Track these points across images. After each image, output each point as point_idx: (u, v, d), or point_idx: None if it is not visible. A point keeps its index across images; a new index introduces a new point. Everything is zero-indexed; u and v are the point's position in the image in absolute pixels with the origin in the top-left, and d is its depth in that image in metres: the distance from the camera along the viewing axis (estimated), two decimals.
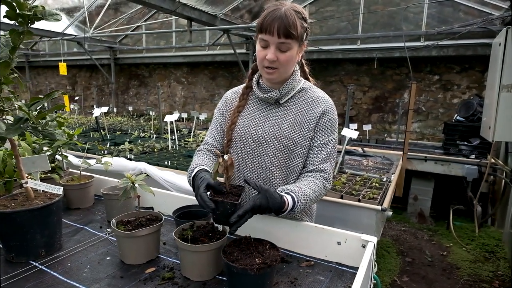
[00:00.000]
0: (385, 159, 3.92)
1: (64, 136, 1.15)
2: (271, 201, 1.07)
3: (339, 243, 1.20)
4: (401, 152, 3.67)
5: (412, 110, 3.34)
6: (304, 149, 1.29)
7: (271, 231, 1.29)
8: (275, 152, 1.29)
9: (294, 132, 1.28)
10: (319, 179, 1.26)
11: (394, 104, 6.11)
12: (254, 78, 1.37)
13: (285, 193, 1.16)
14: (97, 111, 4.14)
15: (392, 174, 3.11)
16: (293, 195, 1.16)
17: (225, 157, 1.33)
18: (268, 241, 1.08)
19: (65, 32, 6.79)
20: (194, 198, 1.54)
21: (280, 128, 1.28)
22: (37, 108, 1.08)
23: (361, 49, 5.94)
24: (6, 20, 1.06)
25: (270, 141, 1.29)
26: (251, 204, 1.04)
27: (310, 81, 1.41)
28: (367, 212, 2.12)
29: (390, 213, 2.23)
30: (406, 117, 3.73)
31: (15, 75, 1.13)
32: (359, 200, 2.22)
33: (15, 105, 1.01)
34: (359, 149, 4.25)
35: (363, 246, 1.15)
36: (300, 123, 1.28)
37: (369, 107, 6.41)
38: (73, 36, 6.77)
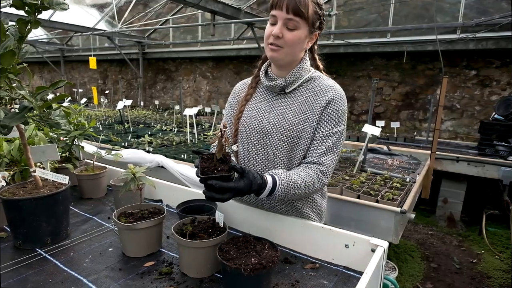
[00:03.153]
0: (412, 159, 3.72)
1: (69, 126, 1.15)
2: (253, 184, 1.04)
3: (347, 246, 1.12)
4: (430, 152, 3.45)
5: (442, 106, 3.12)
6: (307, 141, 1.22)
7: (275, 229, 1.24)
8: (278, 144, 1.23)
9: (298, 123, 1.21)
10: (314, 170, 1.18)
11: (425, 100, 5.80)
12: (262, 67, 1.32)
13: (269, 174, 1.12)
14: (120, 104, 4.24)
15: (418, 174, 2.94)
16: (276, 177, 1.11)
17: (233, 147, 1.30)
18: (268, 241, 1.03)
19: (96, 27, 7.03)
20: (200, 192, 1.52)
21: (284, 119, 1.23)
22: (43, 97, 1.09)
23: (391, 42, 5.67)
24: (13, 10, 1.07)
25: (274, 132, 1.23)
26: (232, 186, 1.00)
27: (319, 69, 1.34)
28: (385, 214, 2.00)
29: (413, 215, 2.10)
30: (437, 114, 3.51)
31: (24, 65, 1.15)
32: (377, 201, 2.10)
33: (19, 93, 1.02)
34: (385, 147, 4.06)
35: (373, 251, 1.07)
36: (305, 114, 1.21)
37: (398, 103, 6.12)
38: (103, 31, 7.00)
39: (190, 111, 3.40)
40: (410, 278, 3.05)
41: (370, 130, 2.56)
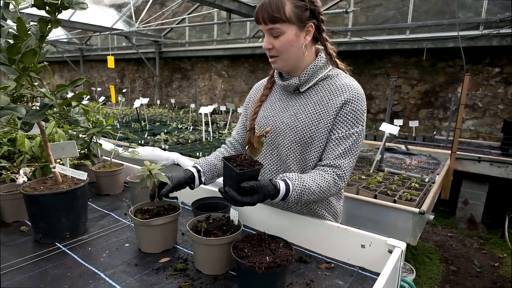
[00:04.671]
0: (431, 159, 3.62)
1: (87, 124, 1.17)
2: (267, 197, 1.03)
3: (363, 246, 1.10)
4: (450, 151, 3.35)
5: (463, 105, 3.02)
6: (322, 142, 1.19)
7: (289, 228, 1.23)
8: (291, 144, 1.21)
9: (312, 123, 1.18)
10: (330, 174, 1.15)
11: (445, 99, 5.63)
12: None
13: (281, 180, 1.10)
14: (137, 102, 4.31)
15: (438, 174, 2.85)
16: (289, 182, 1.09)
17: (247, 147, 1.30)
18: (283, 239, 1.02)
19: (114, 26, 7.17)
20: (216, 190, 1.53)
21: (297, 119, 1.20)
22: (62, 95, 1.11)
23: (410, 39, 5.53)
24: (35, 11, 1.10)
25: (287, 132, 1.22)
26: (248, 201, 1.00)
27: (339, 67, 1.28)
28: (402, 215, 1.95)
29: (432, 217, 2.04)
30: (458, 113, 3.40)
31: (45, 63, 1.17)
32: (394, 201, 2.05)
33: (40, 91, 1.05)
34: (403, 147, 3.97)
35: (390, 252, 1.04)
36: (319, 114, 1.18)
37: (417, 102, 5.97)
38: (121, 31, 7.13)
39: (205, 109, 3.42)
40: (428, 280, 2.98)
41: (388, 129, 2.50)
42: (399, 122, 4.20)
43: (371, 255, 1.09)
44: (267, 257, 0.91)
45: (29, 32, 1.12)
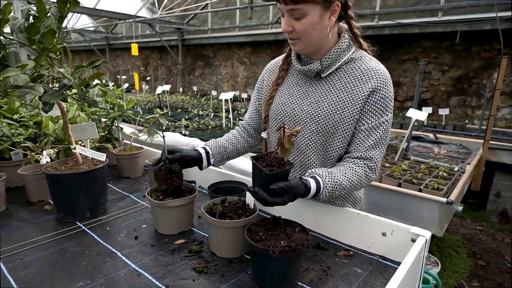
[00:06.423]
0: (461, 148, 3.44)
1: (105, 105, 1.17)
2: (297, 197, 0.98)
3: (384, 234, 1.05)
4: (483, 141, 3.16)
5: (499, 90, 2.81)
6: (346, 132, 1.10)
7: (307, 214, 1.19)
8: (312, 134, 1.13)
9: (335, 112, 1.09)
10: (362, 167, 1.09)
11: (480, 85, 5.31)
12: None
13: (311, 177, 1.04)
14: (159, 89, 4.36)
15: (468, 164, 2.70)
16: (320, 179, 1.03)
17: (263, 134, 1.26)
18: (299, 224, 0.98)
19: (138, 14, 7.25)
20: (234, 174, 1.51)
21: (319, 107, 1.12)
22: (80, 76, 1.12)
23: (442, 21, 5.22)
24: None
25: (307, 121, 1.13)
26: (278, 202, 0.94)
27: (363, 47, 1.17)
28: (428, 204, 1.85)
29: (460, 208, 1.94)
30: (493, 100, 3.18)
31: (64, 44, 1.18)
32: (420, 190, 1.95)
33: (59, 71, 1.05)
34: (431, 135, 3.79)
35: (413, 241, 0.99)
36: (344, 102, 1.09)
37: (448, 89, 5.67)
38: (144, 18, 7.20)
39: (226, 95, 3.40)
40: (454, 274, 2.86)
41: (415, 115, 2.37)
42: (428, 110, 4.00)
43: (393, 244, 1.03)
44: (281, 241, 0.88)
45: (49, 14, 1.13)
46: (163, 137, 1.21)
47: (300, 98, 1.17)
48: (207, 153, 1.28)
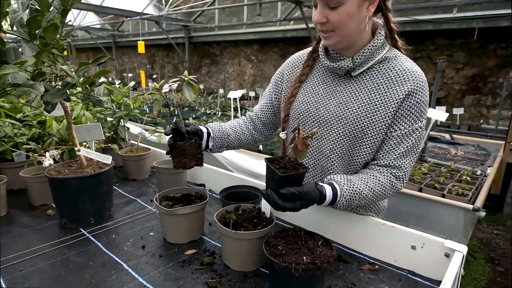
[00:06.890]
0: (479, 149, 3.31)
1: (111, 105, 1.09)
2: (311, 203, 0.89)
3: (413, 247, 0.96)
4: (502, 142, 3.02)
5: None
6: (376, 138, 1.01)
7: (327, 223, 1.10)
8: (338, 138, 1.03)
9: (366, 115, 1.00)
10: (387, 176, 1.00)
11: (495, 84, 5.14)
12: (321, 42, 1.08)
13: (328, 183, 0.95)
14: (166, 87, 4.29)
15: (489, 167, 2.58)
16: (337, 187, 0.94)
17: (281, 135, 1.17)
18: (322, 236, 0.90)
19: (144, 11, 7.20)
20: (246, 178, 1.42)
21: (348, 109, 1.02)
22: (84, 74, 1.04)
23: (457, 18, 5.06)
24: None
25: (333, 123, 1.03)
26: (290, 207, 0.86)
27: (397, 45, 1.08)
28: (453, 211, 1.74)
29: (483, 214, 1.82)
30: (511, 99, 3.05)
31: (68, 40, 1.10)
32: (443, 196, 1.84)
33: (61, 69, 0.98)
34: (446, 136, 3.66)
35: (447, 256, 0.89)
36: (376, 104, 0.99)
37: (463, 87, 5.51)
38: (150, 15, 7.15)
39: (234, 94, 3.31)
40: (472, 281, 2.74)
41: (436, 115, 2.25)
42: (441, 109, 3.87)
43: (422, 258, 0.94)
44: (304, 257, 0.79)
45: (51, 8, 1.05)
46: (176, 107, 1.10)
47: (326, 98, 1.07)
48: (208, 134, 1.15)
